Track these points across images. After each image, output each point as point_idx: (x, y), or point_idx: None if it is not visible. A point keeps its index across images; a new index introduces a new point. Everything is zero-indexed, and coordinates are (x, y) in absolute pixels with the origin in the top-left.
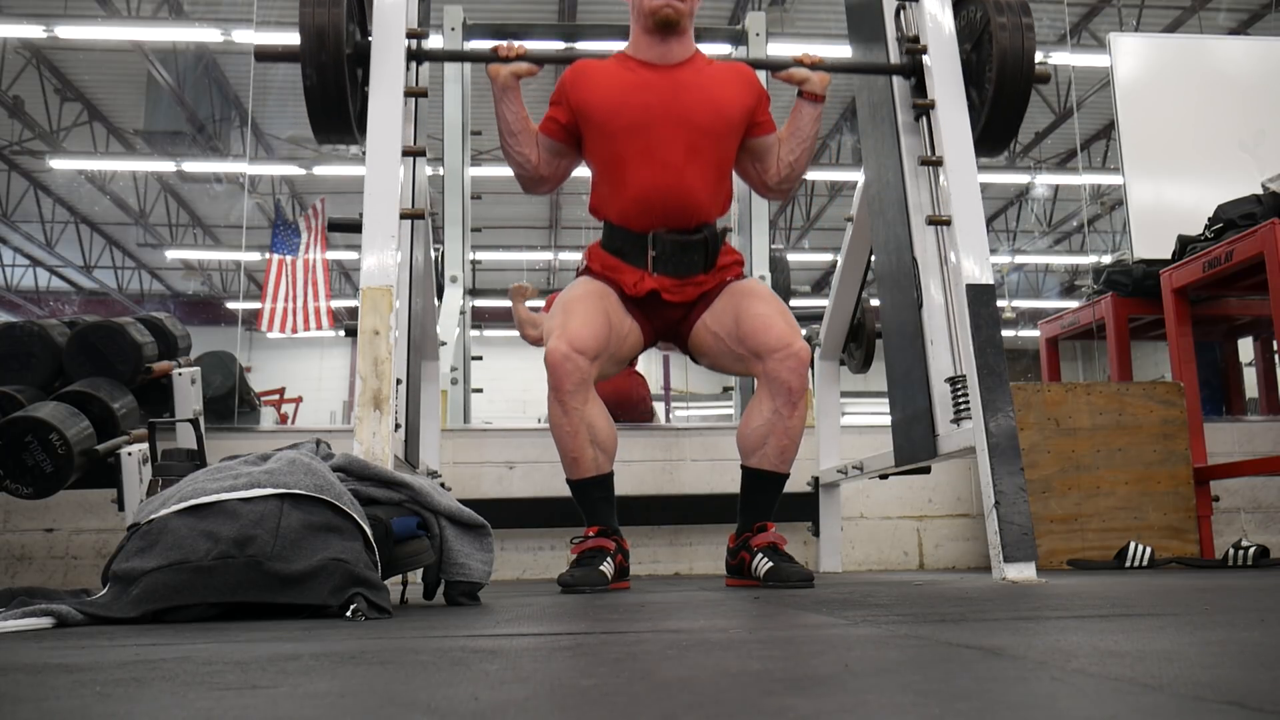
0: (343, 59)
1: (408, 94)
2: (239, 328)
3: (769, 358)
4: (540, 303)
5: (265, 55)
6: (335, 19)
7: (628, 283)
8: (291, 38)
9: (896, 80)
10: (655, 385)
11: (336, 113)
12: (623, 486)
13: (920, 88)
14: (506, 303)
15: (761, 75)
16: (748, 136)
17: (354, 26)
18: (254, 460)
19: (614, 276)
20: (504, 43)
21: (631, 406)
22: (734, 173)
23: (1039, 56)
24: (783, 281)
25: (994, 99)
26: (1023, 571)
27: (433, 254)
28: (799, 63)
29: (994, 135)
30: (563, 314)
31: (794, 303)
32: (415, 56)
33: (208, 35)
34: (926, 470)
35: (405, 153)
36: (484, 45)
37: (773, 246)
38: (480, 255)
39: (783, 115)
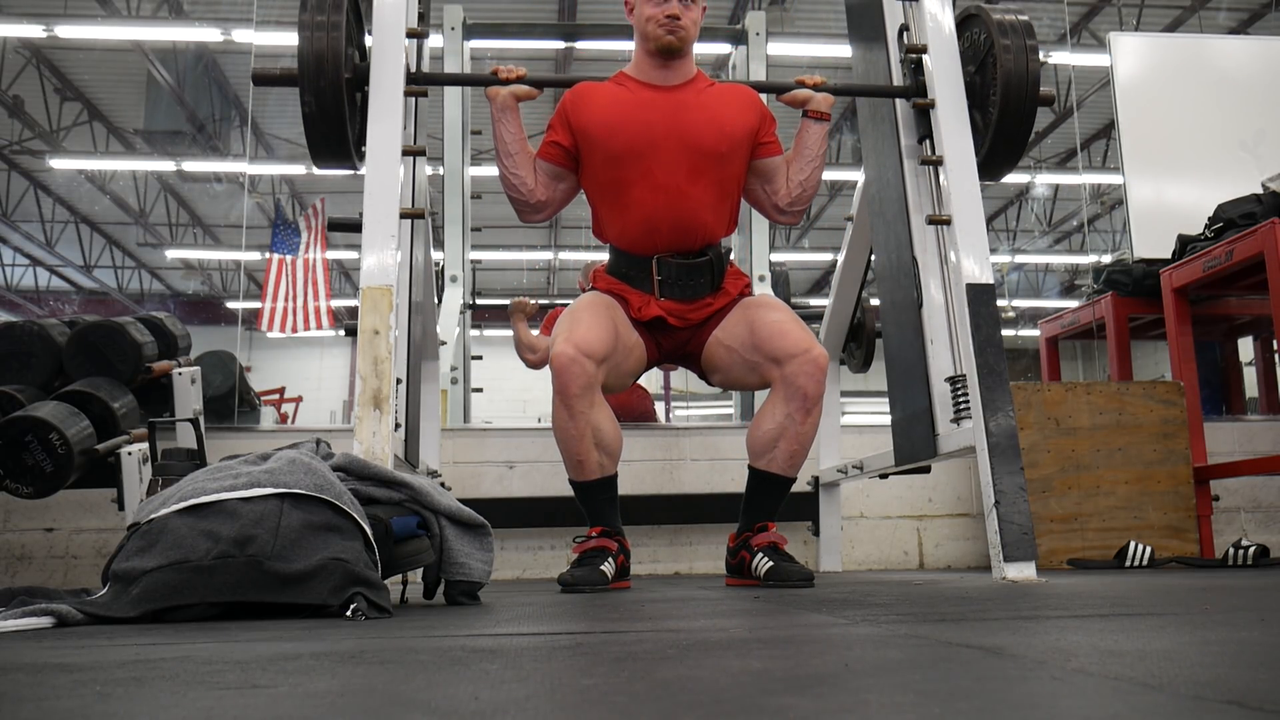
0: (341, 85)
1: (407, 94)
2: (239, 327)
3: (787, 362)
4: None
5: (263, 79)
6: (334, 44)
7: (633, 305)
8: (291, 38)
9: (896, 77)
10: (655, 385)
11: (336, 139)
12: (623, 486)
13: (921, 90)
14: (505, 301)
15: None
16: (754, 158)
17: (353, 50)
18: (254, 460)
19: (621, 295)
20: (503, 65)
21: (634, 420)
22: (743, 197)
23: (1039, 56)
24: (782, 294)
25: (998, 122)
26: (1023, 571)
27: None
28: (801, 84)
29: (998, 159)
30: (569, 321)
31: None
32: (414, 79)
33: (208, 35)
34: (926, 470)
35: (405, 152)
36: (484, 43)
37: (774, 263)
38: (480, 255)
39: (787, 136)
